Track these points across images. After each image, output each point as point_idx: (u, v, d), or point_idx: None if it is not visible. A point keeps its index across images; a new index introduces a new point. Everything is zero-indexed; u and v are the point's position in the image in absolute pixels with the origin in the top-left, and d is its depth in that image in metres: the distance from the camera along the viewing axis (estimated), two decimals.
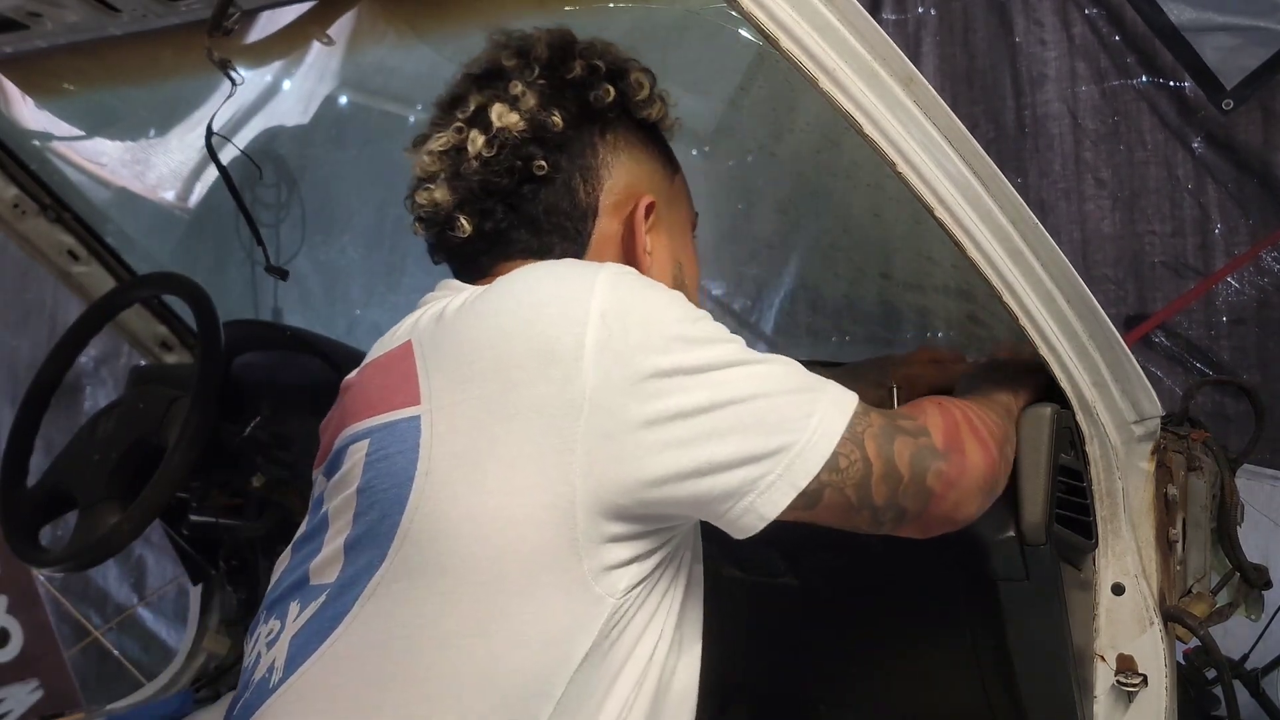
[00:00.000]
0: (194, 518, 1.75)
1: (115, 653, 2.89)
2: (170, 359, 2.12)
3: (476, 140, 0.97)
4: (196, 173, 2.06)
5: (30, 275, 3.16)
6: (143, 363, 2.12)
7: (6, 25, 1.52)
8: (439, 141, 1.00)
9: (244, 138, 1.84)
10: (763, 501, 0.84)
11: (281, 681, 0.86)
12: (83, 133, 2.02)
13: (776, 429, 0.84)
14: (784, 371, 0.88)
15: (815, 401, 0.87)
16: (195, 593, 2.13)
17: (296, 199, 2.02)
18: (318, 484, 0.98)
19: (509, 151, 0.97)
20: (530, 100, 0.97)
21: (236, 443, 1.66)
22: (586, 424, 0.80)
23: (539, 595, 0.81)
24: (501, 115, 0.97)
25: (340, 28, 1.60)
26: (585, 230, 1.00)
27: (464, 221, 0.99)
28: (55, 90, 1.88)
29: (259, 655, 0.91)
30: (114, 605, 3.10)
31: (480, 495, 0.81)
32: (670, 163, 1.08)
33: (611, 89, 1.00)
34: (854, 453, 0.87)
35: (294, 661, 0.86)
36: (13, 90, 1.88)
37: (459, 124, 0.99)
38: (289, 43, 1.64)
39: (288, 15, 1.55)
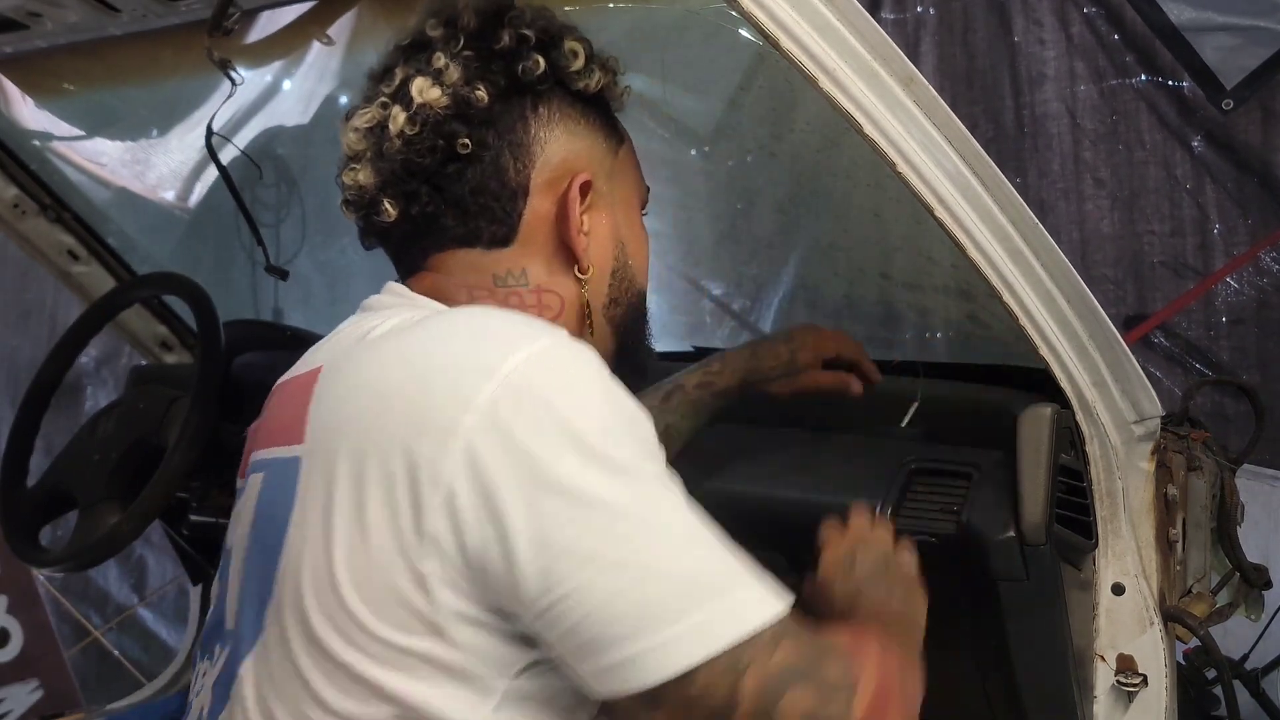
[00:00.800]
0: (194, 518, 1.75)
1: (115, 653, 2.89)
2: (170, 359, 2.12)
3: (398, 117, 0.90)
4: (196, 173, 2.06)
5: (30, 275, 3.15)
6: (143, 363, 2.12)
7: (6, 25, 1.52)
8: (364, 118, 0.93)
9: (244, 138, 1.83)
10: (588, 684, 0.73)
11: None
12: (83, 133, 2.02)
13: (629, 619, 0.70)
14: (687, 547, 0.73)
15: (705, 602, 0.71)
16: (195, 593, 2.13)
17: (296, 199, 2.02)
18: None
19: (430, 129, 0.90)
20: (454, 74, 0.90)
21: (236, 443, 1.65)
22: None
23: (410, 674, 0.74)
24: (423, 90, 0.90)
25: (340, 28, 1.60)
26: (514, 211, 0.92)
27: (388, 206, 0.92)
28: (55, 90, 1.88)
29: (196, 694, 0.89)
30: (114, 605, 3.10)
31: (341, 561, 0.75)
32: (614, 135, 0.99)
33: (541, 60, 0.91)
34: (722, 682, 0.70)
35: (214, 711, 0.84)
36: (13, 90, 1.88)
37: (384, 99, 0.92)
38: (289, 43, 1.64)
39: (288, 15, 1.55)
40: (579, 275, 0.93)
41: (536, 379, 0.73)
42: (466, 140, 0.90)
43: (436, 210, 0.92)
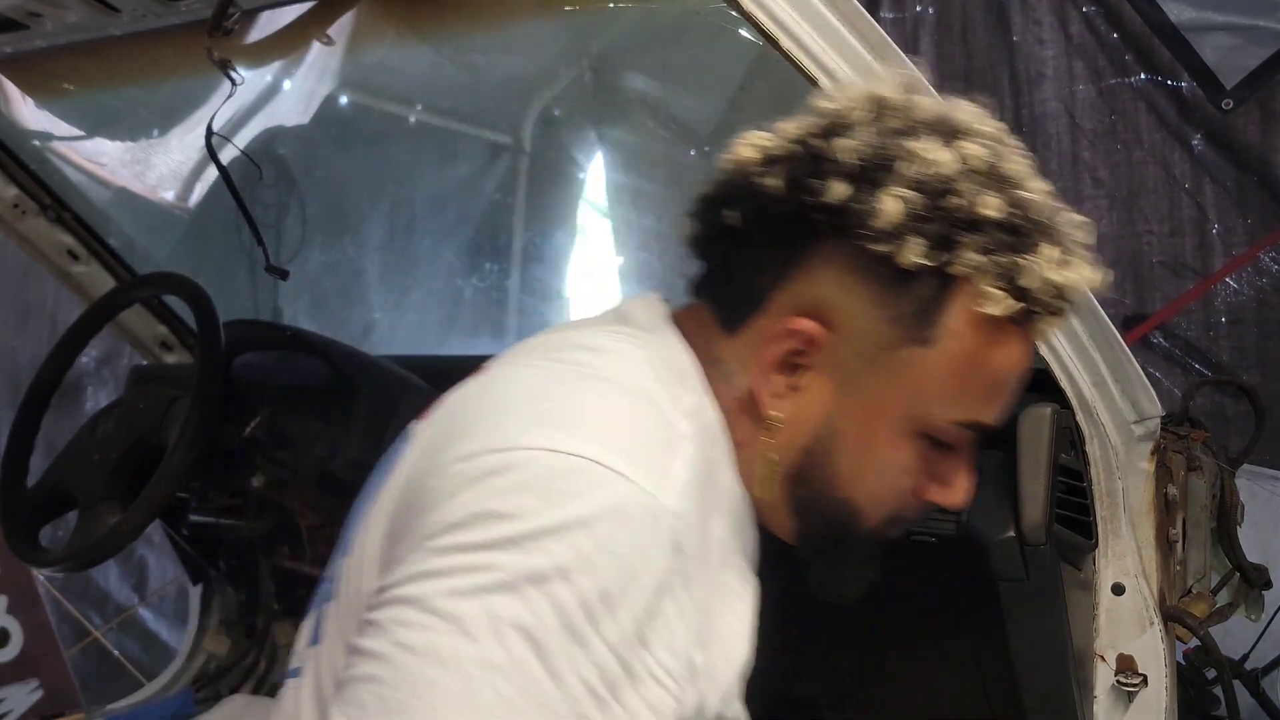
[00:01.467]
0: (194, 518, 1.75)
1: (115, 653, 2.89)
2: (170, 359, 2.12)
3: (743, 152, 0.80)
4: (196, 173, 2.06)
5: (30, 275, 3.15)
6: (143, 363, 2.12)
7: (6, 25, 1.52)
8: (762, 131, 0.82)
9: (244, 138, 1.84)
10: None
11: None
12: (83, 133, 2.02)
13: None
14: None
15: None
16: (195, 593, 2.13)
17: (296, 199, 2.02)
18: None
19: (724, 187, 0.81)
20: (777, 150, 0.78)
21: (236, 443, 1.66)
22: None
23: None
24: (746, 146, 0.80)
25: (340, 28, 1.60)
26: (744, 313, 0.80)
27: (687, 224, 0.85)
28: (55, 90, 1.88)
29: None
30: (114, 605, 3.10)
31: (374, 549, 0.75)
32: (915, 329, 0.75)
33: (833, 189, 0.74)
34: None
35: (313, 641, 0.83)
36: (13, 90, 1.89)
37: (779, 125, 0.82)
38: (289, 43, 1.64)
39: (288, 15, 1.55)
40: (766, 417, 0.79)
41: (535, 467, 0.65)
42: (734, 216, 0.80)
43: (700, 255, 0.85)
